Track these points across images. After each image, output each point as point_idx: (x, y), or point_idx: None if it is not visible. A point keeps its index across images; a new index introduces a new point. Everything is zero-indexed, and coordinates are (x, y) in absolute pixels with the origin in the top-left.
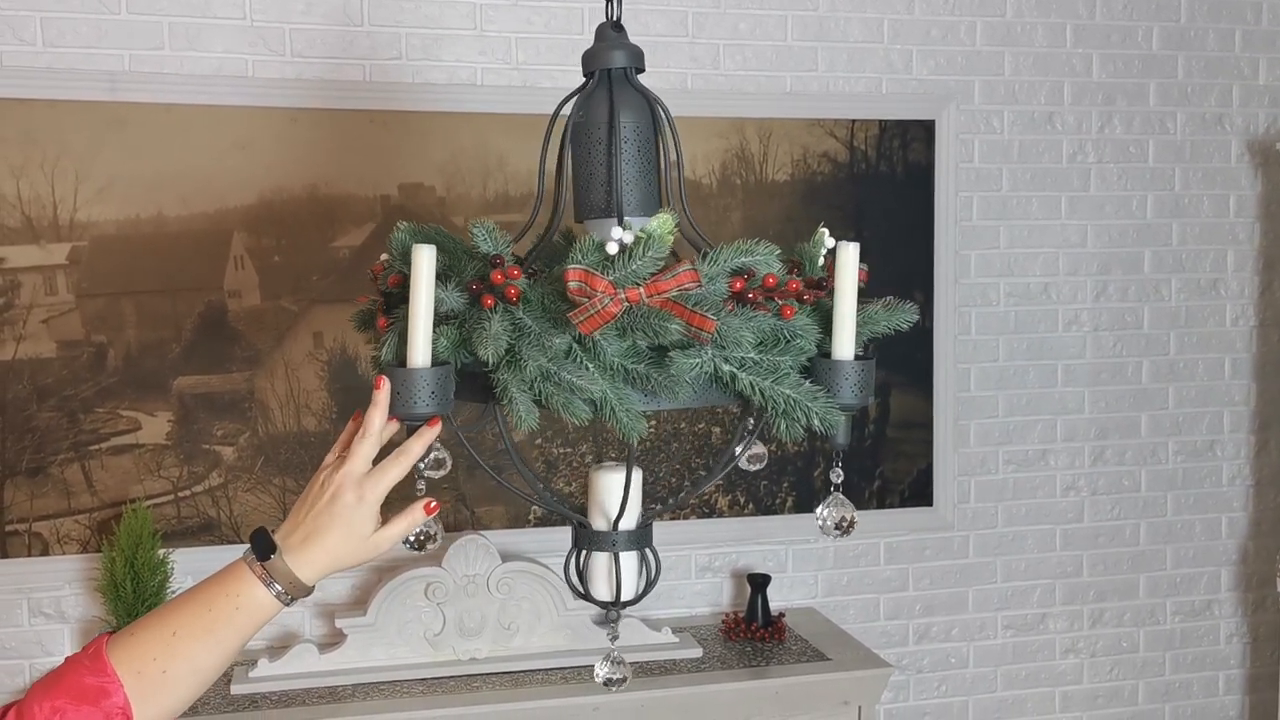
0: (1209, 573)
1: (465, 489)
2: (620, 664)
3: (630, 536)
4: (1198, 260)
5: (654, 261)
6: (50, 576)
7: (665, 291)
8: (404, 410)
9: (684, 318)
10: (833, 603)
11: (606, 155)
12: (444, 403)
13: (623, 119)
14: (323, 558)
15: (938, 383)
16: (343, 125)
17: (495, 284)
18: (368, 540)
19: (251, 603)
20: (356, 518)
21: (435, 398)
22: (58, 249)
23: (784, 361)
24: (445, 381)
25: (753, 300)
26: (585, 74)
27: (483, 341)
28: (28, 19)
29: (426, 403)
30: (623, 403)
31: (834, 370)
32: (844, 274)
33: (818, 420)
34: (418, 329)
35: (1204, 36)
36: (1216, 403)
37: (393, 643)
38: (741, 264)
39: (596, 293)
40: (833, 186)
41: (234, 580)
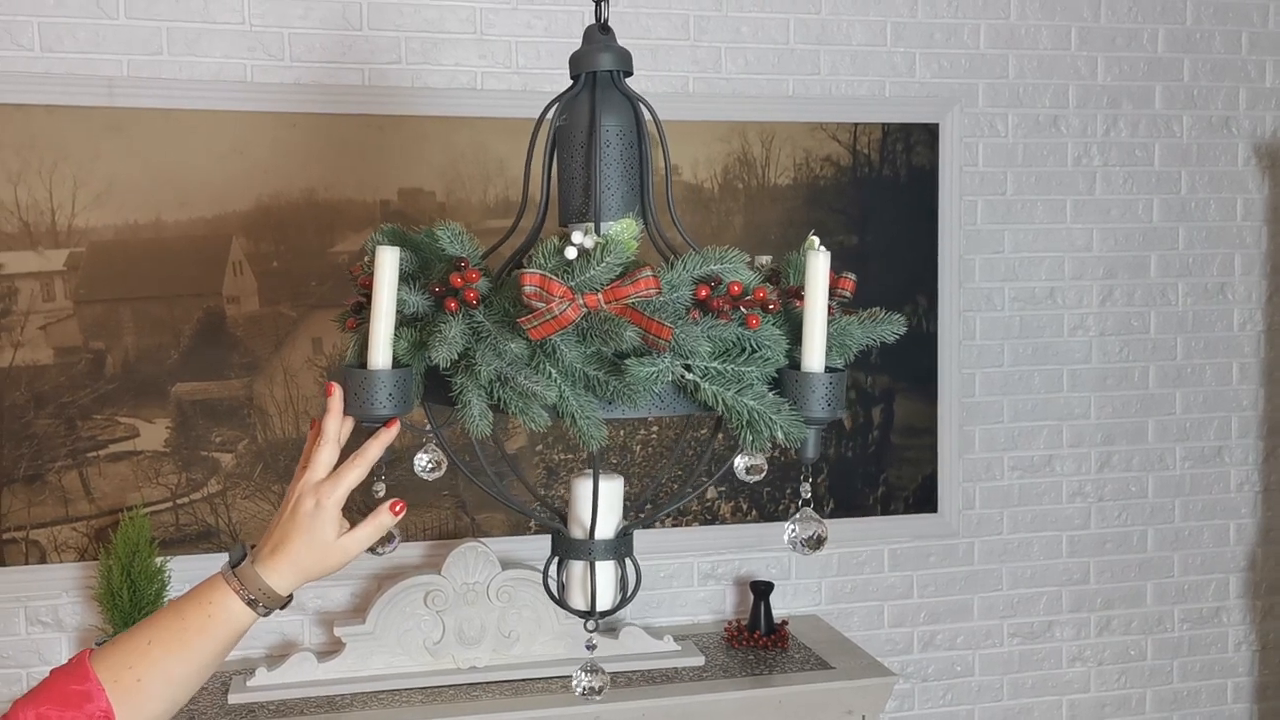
0: (1217, 580)
1: (465, 496)
2: (598, 673)
3: (607, 546)
4: (1205, 264)
5: (613, 267)
6: (48, 585)
7: (624, 298)
8: (362, 412)
9: (641, 325)
10: (836, 610)
11: (587, 159)
12: (403, 404)
13: (605, 122)
14: (289, 566)
15: (942, 388)
16: (342, 130)
17: (455, 287)
18: (332, 546)
19: (224, 612)
20: (317, 524)
21: (394, 399)
22: (55, 255)
23: (749, 372)
24: (405, 383)
25: (717, 309)
26: (571, 76)
27: (437, 345)
28: (25, 24)
29: (385, 404)
30: (583, 410)
31: (802, 382)
32: (814, 283)
33: (782, 433)
34: (378, 330)
35: (1210, 39)
36: (1224, 408)
37: (392, 651)
38: (708, 271)
39: (554, 298)
40: (835, 190)
41: (209, 590)
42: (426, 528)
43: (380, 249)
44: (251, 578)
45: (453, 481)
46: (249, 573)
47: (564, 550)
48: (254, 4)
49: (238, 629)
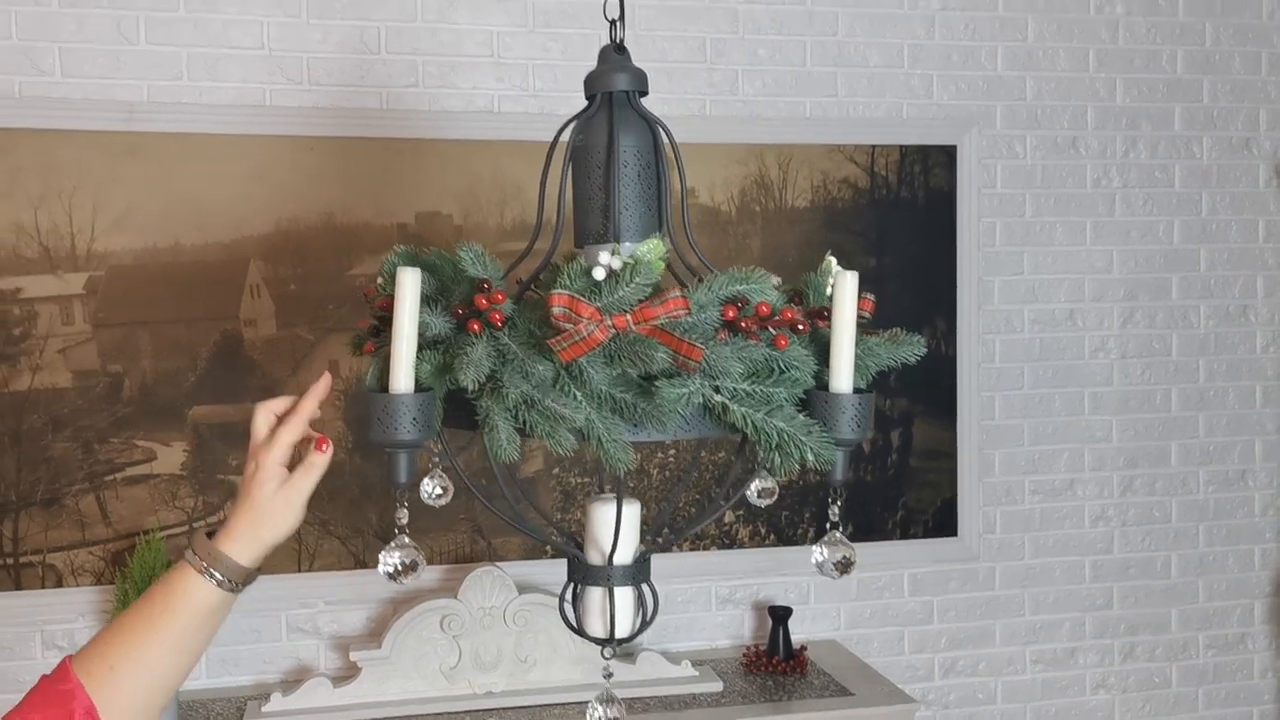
0: (1242, 605)
1: (481, 520)
2: (614, 703)
3: (625, 572)
4: (1226, 286)
5: (642, 288)
6: (63, 609)
7: (653, 319)
8: (385, 437)
9: (671, 346)
10: (856, 635)
11: (604, 179)
12: (426, 429)
13: (622, 142)
14: (239, 530)
15: (961, 411)
16: (359, 153)
17: (479, 308)
18: (273, 501)
19: (182, 587)
20: (256, 483)
21: (418, 424)
22: (75, 279)
23: (778, 393)
24: (427, 408)
25: (745, 329)
26: (587, 97)
27: (464, 367)
28: (46, 49)
29: (408, 429)
30: (609, 433)
31: (831, 403)
32: (842, 303)
33: (812, 455)
34: (400, 354)
35: (1229, 60)
36: (1248, 431)
37: (408, 676)
38: (735, 292)
39: (582, 319)
40: (853, 213)
41: (173, 571)
42: (443, 552)
43: (401, 270)
44: (208, 551)
45: (469, 506)
46: (205, 546)
47: (582, 576)
48: (273, 29)
49: (202, 606)
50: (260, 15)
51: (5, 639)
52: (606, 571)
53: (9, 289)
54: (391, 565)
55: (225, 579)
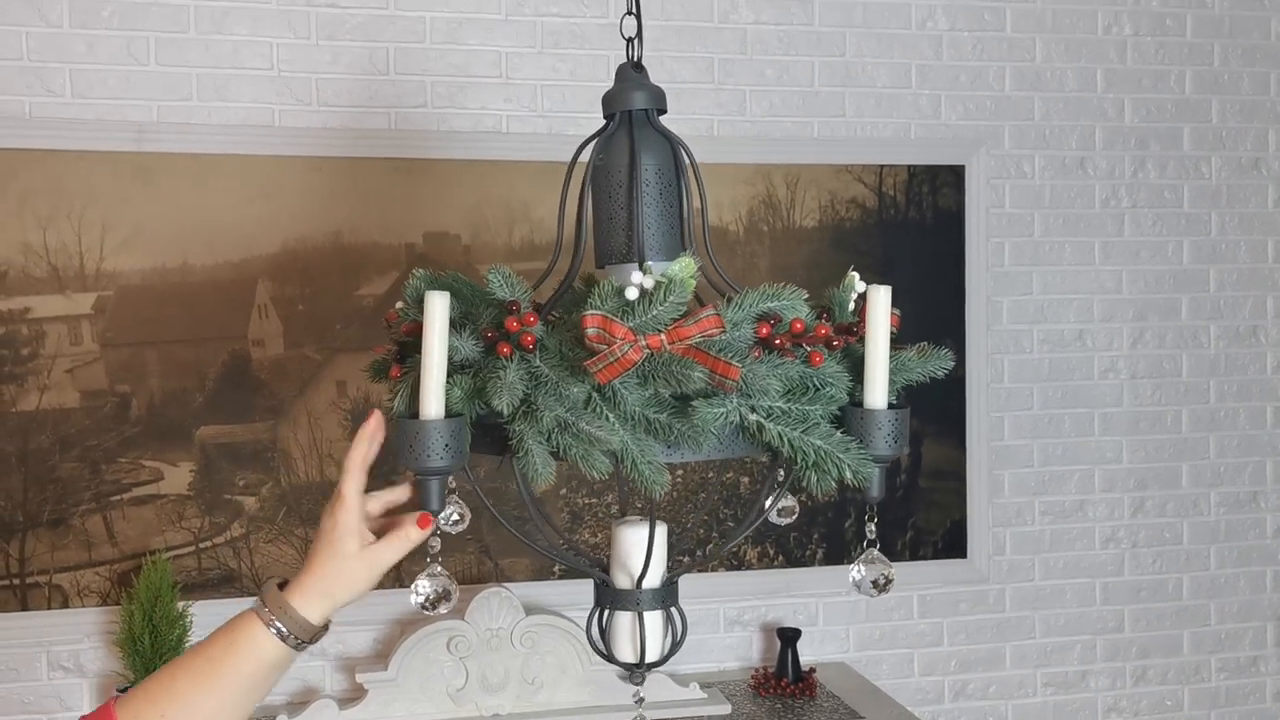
0: (1254, 628)
1: (488, 541)
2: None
3: (654, 595)
4: (1236, 306)
5: (676, 307)
6: (69, 629)
7: (688, 338)
8: (417, 464)
9: (708, 365)
10: (865, 658)
11: (627, 198)
12: (458, 455)
13: (644, 161)
14: (312, 586)
15: (970, 432)
16: (368, 173)
17: (511, 331)
18: (352, 560)
19: (249, 642)
20: (335, 539)
21: (450, 450)
22: (83, 299)
23: (814, 411)
24: (459, 434)
25: (780, 347)
26: (605, 116)
27: (498, 391)
28: (57, 70)
29: (440, 456)
30: (644, 454)
31: (867, 420)
32: (876, 318)
33: (850, 473)
34: (430, 379)
35: (1238, 80)
36: (1259, 452)
37: (414, 698)
38: (767, 309)
39: (615, 340)
40: (861, 233)
41: (237, 622)
42: (449, 573)
43: (430, 294)
44: (278, 605)
45: (476, 526)
46: (276, 600)
47: (611, 601)
48: (282, 50)
49: (265, 661)
50: (270, 36)
51: (11, 660)
52: (635, 596)
53: (17, 309)
54: (424, 595)
55: (292, 635)
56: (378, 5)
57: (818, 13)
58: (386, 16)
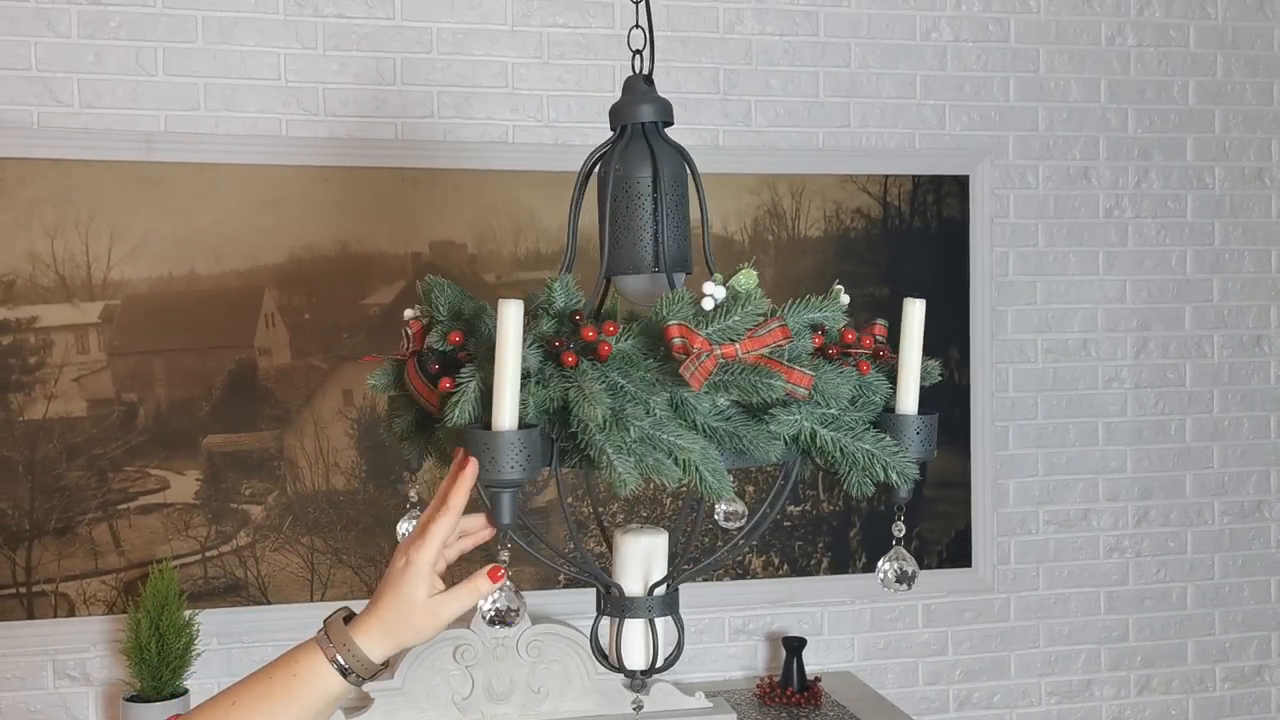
0: (1259, 637)
1: (494, 548)
2: None
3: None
4: (1240, 316)
5: (752, 317)
6: (76, 638)
7: (761, 348)
8: (489, 476)
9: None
10: (870, 667)
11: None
12: (533, 467)
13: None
14: (378, 626)
15: (975, 441)
16: (374, 183)
17: (588, 340)
18: (421, 606)
19: (310, 673)
20: (405, 582)
21: (526, 462)
22: (90, 308)
23: (860, 418)
24: (535, 444)
25: (834, 356)
26: (614, 127)
27: (587, 402)
28: (65, 81)
29: (515, 466)
30: (708, 463)
31: (902, 424)
32: (910, 329)
33: (895, 475)
34: (505, 389)
35: (1241, 91)
36: (1263, 461)
37: (420, 707)
38: (813, 319)
39: (693, 349)
40: (866, 242)
41: (300, 651)
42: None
43: (504, 302)
44: (342, 639)
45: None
46: (340, 634)
47: (614, 609)
48: (290, 60)
49: (324, 693)
50: (277, 47)
51: (18, 668)
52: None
53: (25, 318)
54: (492, 610)
55: (353, 672)
56: (385, 16)
57: (823, 24)
58: (393, 27)
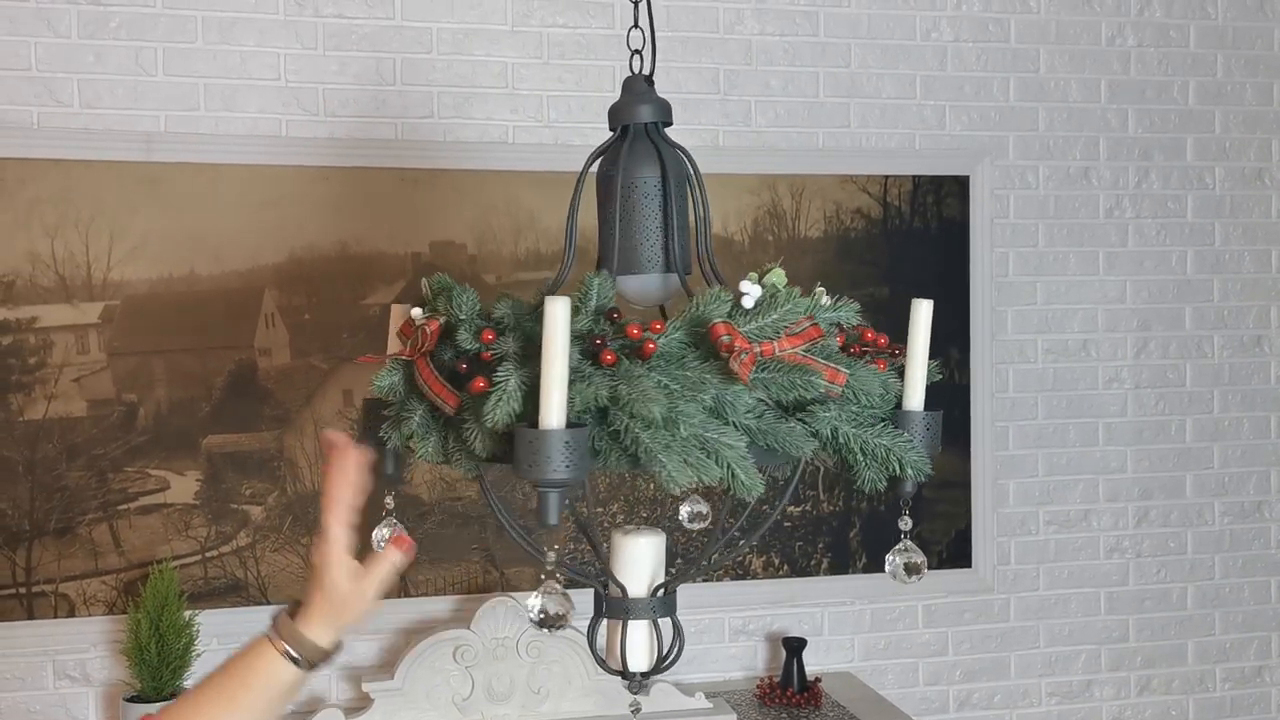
0: (1259, 638)
1: (494, 549)
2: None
3: (652, 605)
4: (1240, 316)
5: (790, 315)
6: (76, 638)
7: (797, 345)
8: (538, 475)
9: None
10: (870, 667)
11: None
12: (583, 467)
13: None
14: (316, 616)
15: (975, 441)
16: (374, 183)
17: (633, 338)
18: (346, 593)
19: (264, 664)
20: (327, 578)
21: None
22: (90, 308)
23: (875, 413)
24: (585, 443)
25: (856, 354)
26: (613, 127)
27: (646, 399)
28: (65, 81)
29: (567, 466)
30: (743, 461)
31: (910, 420)
32: (919, 328)
33: (910, 469)
34: (553, 387)
35: (1241, 91)
36: (1263, 462)
37: (420, 707)
38: (830, 319)
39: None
40: (866, 242)
41: (252, 647)
42: (455, 582)
43: (550, 300)
44: (290, 632)
45: (481, 535)
46: (287, 627)
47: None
48: (289, 60)
49: (280, 683)
50: (277, 47)
51: (17, 669)
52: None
53: (25, 318)
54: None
55: (304, 659)
56: (384, 16)
57: (823, 24)
58: (393, 27)
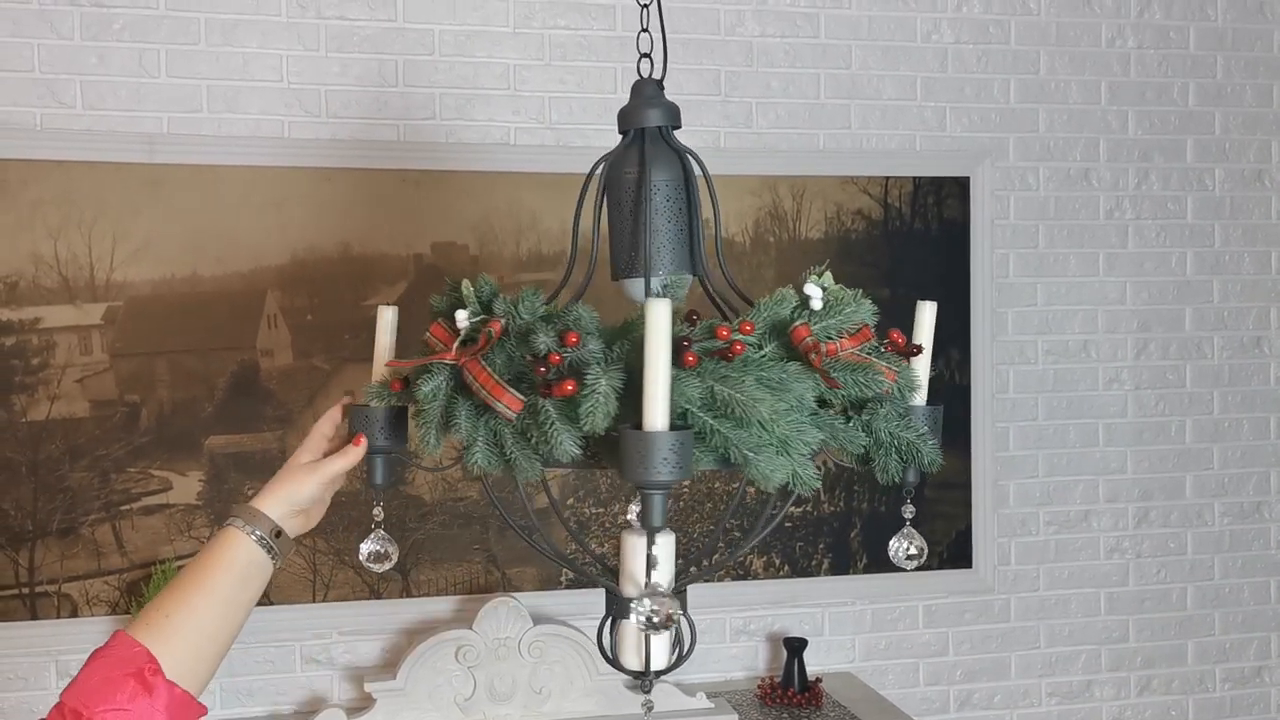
0: (1259, 638)
1: (495, 550)
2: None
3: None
4: (1240, 318)
5: (851, 317)
6: (78, 638)
7: (857, 346)
8: (642, 478)
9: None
10: (871, 667)
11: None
12: (688, 468)
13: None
14: (270, 490)
15: (976, 442)
16: (376, 185)
17: (722, 339)
18: (302, 469)
19: (225, 542)
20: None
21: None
22: (93, 309)
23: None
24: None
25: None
26: (623, 130)
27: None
28: (68, 82)
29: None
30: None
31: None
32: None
33: (928, 460)
34: (657, 389)
35: (1241, 92)
36: (1263, 463)
37: (422, 707)
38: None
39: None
40: (867, 244)
41: (216, 532)
42: (457, 582)
43: (654, 302)
44: (245, 509)
45: (484, 535)
46: (243, 507)
47: (620, 609)
48: (292, 62)
49: (241, 558)
50: (280, 49)
51: (20, 669)
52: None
53: (28, 319)
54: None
55: (253, 530)
56: (387, 18)
57: (823, 26)
58: (395, 29)
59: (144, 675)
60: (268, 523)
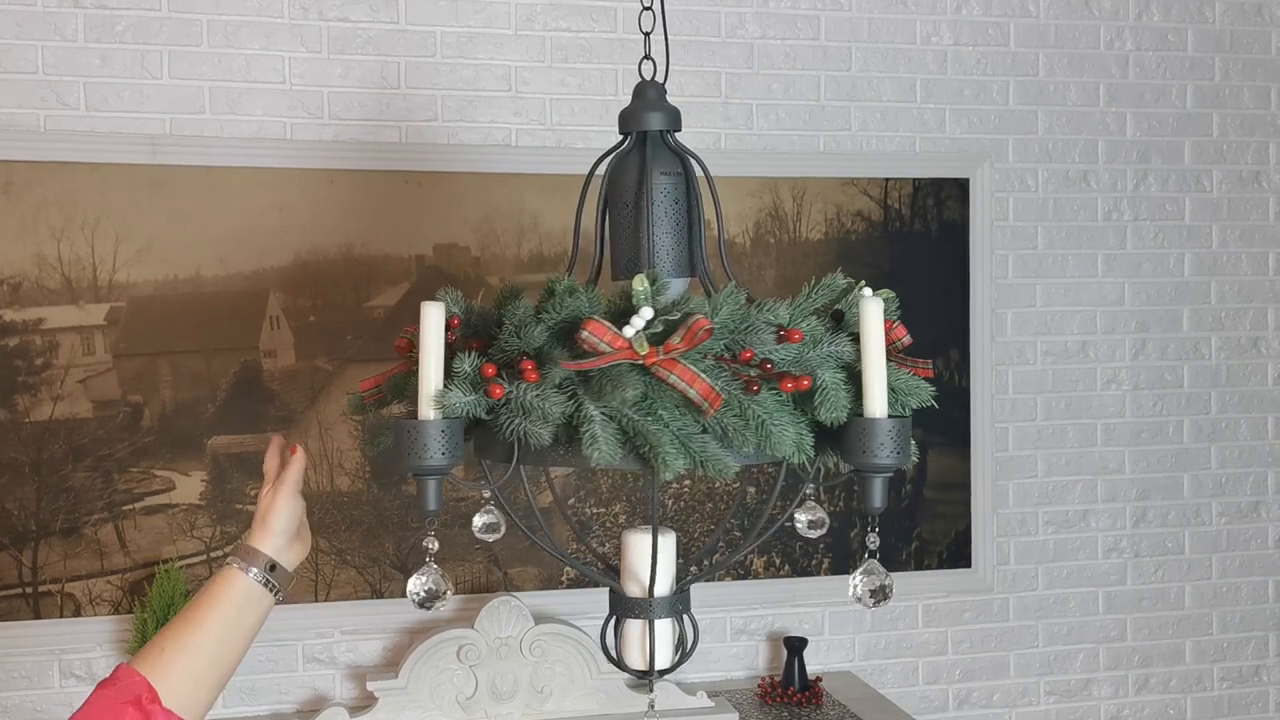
0: (1256, 637)
1: (496, 549)
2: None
3: (666, 603)
4: (1237, 318)
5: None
6: (82, 638)
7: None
8: (865, 461)
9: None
10: (870, 667)
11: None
12: (905, 454)
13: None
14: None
15: (975, 442)
16: (379, 186)
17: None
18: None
19: (222, 579)
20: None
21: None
22: (96, 309)
23: None
24: (905, 432)
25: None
26: (624, 132)
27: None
28: (72, 84)
29: (888, 451)
30: None
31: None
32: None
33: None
34: (875, 379)
35: (1239, 94)
36: (1260, 463)
37: (424, 706)
38: None
39: None
40: (867, 245)
41: (215, 574)
42: (459, 582)
43: (866, 300)
44: (237, 547)
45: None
46: (237, 546)
47: (623, 609)
48: (294, 64)
49: (236, 593)
50: (282, 50)
51: (24, 668)
52: (647, 603)
53: (31, 319)
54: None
55: (248, 568)
56: (389, 20)
57: (824, 28)
58: (398, 31)
59: (141, 703)
60: (262, 558)
